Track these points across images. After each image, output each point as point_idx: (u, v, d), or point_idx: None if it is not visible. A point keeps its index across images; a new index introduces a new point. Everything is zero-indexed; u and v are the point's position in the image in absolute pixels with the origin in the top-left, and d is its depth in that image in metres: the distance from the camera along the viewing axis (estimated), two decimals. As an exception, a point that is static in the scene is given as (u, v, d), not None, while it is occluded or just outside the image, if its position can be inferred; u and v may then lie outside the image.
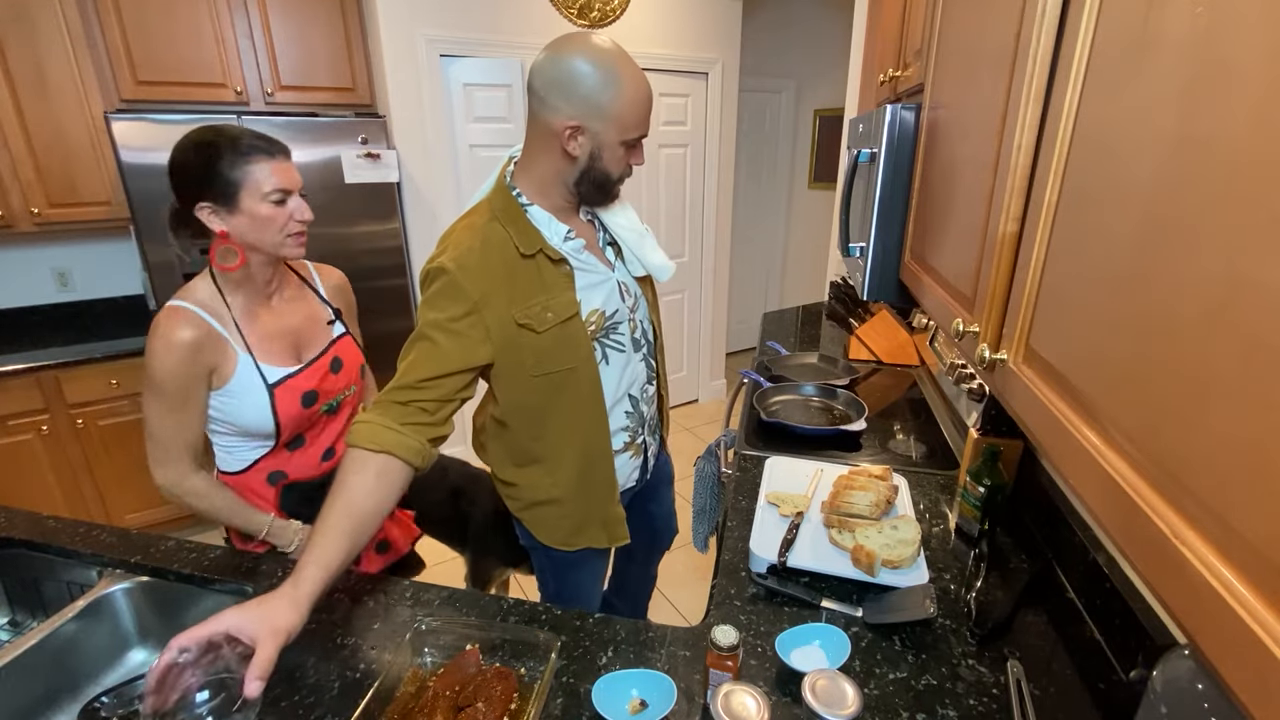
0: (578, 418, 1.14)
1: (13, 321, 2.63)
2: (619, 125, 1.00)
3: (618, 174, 1.07)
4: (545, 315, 1.05)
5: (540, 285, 1.05)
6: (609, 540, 1.25)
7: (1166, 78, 0.46)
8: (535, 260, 1.05)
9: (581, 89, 0.97)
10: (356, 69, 2.68)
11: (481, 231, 1.04)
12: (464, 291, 1.00)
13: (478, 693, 0.85)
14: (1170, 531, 0.42)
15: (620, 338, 1.16)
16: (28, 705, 1.04)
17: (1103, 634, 0.96)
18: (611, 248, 1.19)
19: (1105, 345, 0.53)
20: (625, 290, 1.18)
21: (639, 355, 1.21)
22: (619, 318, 1.15)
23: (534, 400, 1.12)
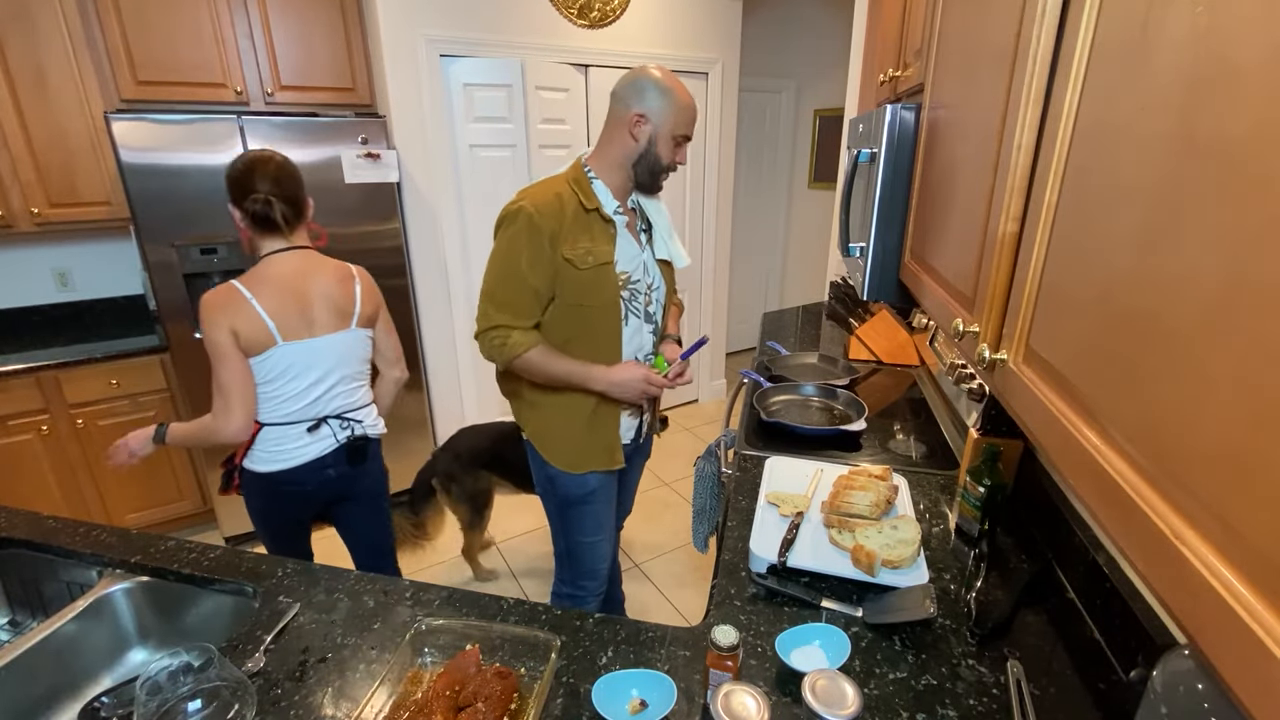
0: (598, 352, 1.40)
1: (13, 321, 2.63)
2: (673, 122, 1.33)
3: (666, 162, 1.36)
4: (588, 257, 1.33)
5: (590, 234, 1.34)
6: (609, 462, 1.50)
7: (1167, 78, 0.46)
8: (591, 215, 1.35)
9: (649, 93, 1.31)
10: (356, 69, 2.68)
11: (555, 188, 1.35)
12: (538, 230, 1.29)
13: (478, 693, 0.85)
14: (1170, 531, 0.42)
15: (637, 306, 1.43)
16: (28, 705, 1.04)
17: (1103, 634, 0.96)
18: (645, 234, 1.46)
19: (1105, 345, 0.53)
20: (647, 268, 1.44)
21: (649, 327, 1.47)
22: (639, 288, 1.42)
23: (565, 329, 1.38)
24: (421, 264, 2.92)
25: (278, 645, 1.00)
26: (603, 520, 1.57)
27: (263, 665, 0.96)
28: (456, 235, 2.98)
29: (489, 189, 2.99)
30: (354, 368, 1.54)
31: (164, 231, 2.26)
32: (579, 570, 1.61)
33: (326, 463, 1.52)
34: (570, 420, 1.45)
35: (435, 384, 3.11)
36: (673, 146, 1.35)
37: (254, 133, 2.36)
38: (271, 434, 1.45)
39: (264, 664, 0.96)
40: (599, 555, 1.60)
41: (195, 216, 2.30)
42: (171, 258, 2.29)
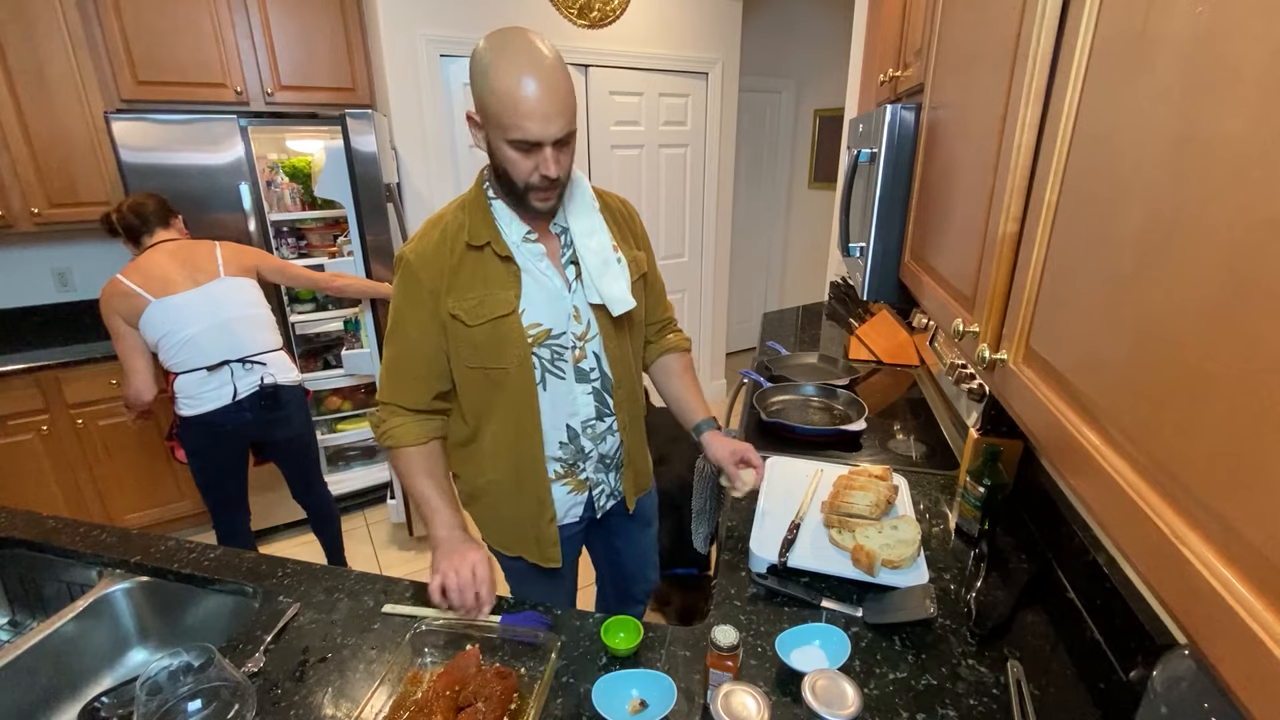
0: (509, 423, 1.11)
1: (13, 321, 2.63)
2: (496, 123, 0.93)
3: (520, 180, 0.97)
4: (480, 310, 1.03)
5: (481, 278, 1.04)
6: (540, 558, 1.20)
7: (1167, 77, 0.46)
8: (482, 253, 1.04)
9: (473, 81, 0.93)
10: (356, 69, 2.68)
11: (443, 220, 1.06)
12: (419, 281, 1.03)
13: (478, 693, 0.85)
14: (1170, 531, 0.42)
15: (563, 363, 1.10)
16: (28, 705, 1.04)
17: (1103, 634, 0.96)
18: (574, 266, 1.10)
19: (1105, 345, 0.53)
20: (578, 314, 1.10)
21: (585, 387, 1.13)
22: (564, 342, 1.09)
23: (470, 391, 1.11)
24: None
25: (278, 645, 1.00)
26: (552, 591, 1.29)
27: (263, 665, 0.96)
28: (456, 235, 2.98)
29: (489, 189, 2.99)
30: (241, 310, 1.88)
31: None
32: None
33: (243, 406, 1.86)
34: (492, 502, 1.19)
35: (435, 384, 3.11)
36: (517, 156, 0.95)
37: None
38: (183, 381, 1.82)
39: (264, 664, 0.96)
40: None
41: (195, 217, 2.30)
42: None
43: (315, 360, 2.82)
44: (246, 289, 1.92)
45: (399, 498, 2.57)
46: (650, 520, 1.46)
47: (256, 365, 1.89)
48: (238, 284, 1.90)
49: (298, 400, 2.03)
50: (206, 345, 1.83)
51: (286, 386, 1.95)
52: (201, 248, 1.90)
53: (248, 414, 1.89)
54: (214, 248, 1.91)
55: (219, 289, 1.86)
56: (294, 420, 2.04)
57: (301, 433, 2.11)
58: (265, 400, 1.90)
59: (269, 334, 1.96)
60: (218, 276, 1.86)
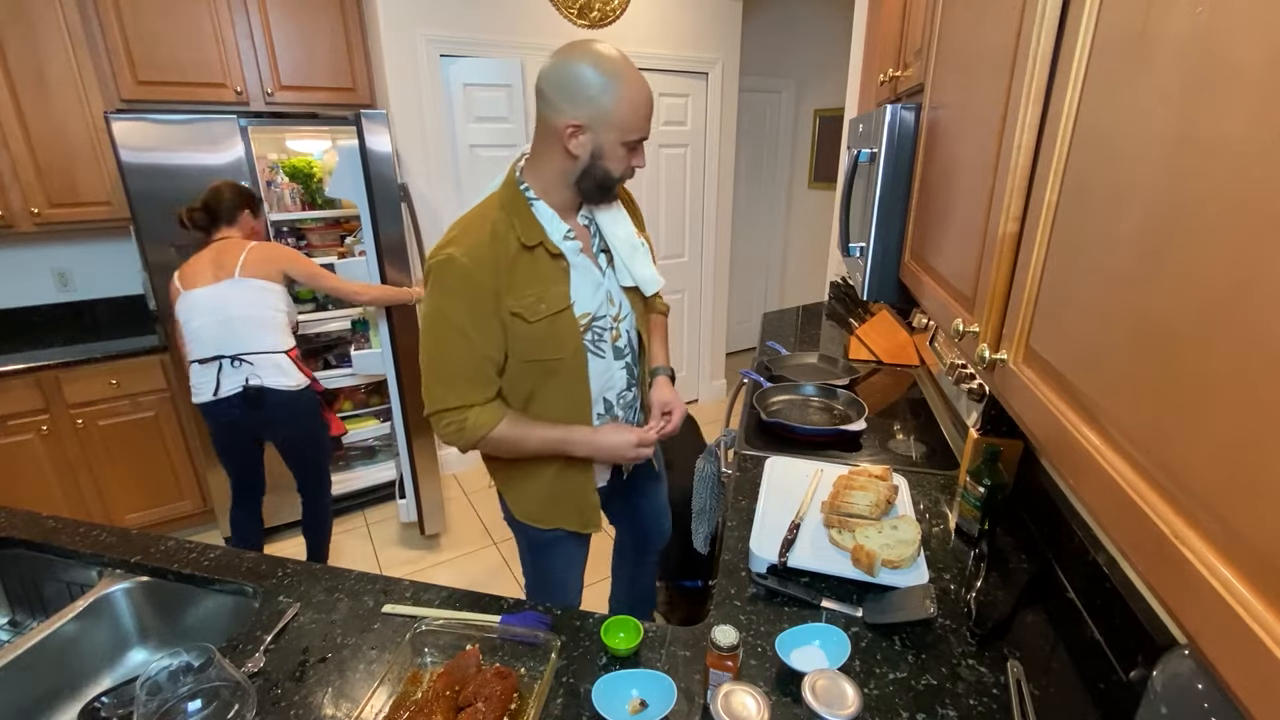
0: (560, 404, 1.19)
1: (13, 321, 2.63)
2: (620, 127, 1.04)
3: (619, 173, 1.10)
4: (539, 306, 1.09)
5: (536, 276, 1.10)
6: (581, 524, 1.30)
7: (1167, 77, 0.46)
8: (535, 252, 1.10)
9: (585, 92, 1.01)
10: (356, 69, 2.68)
11: (488, 221, 1.09)
12: (476, 283, 1.06)
13: (478, 693, 0.85)
14: (1170, 531, 0.42)
15: (602, 343, 1.20)
16: (28, 705, 1.04)
17: (1103, 634, 0.96)
18: (604, 255, 1.20)
19: (1105, 345, 0.53)
20: (611, 298, 1.20)
21: (620, 363, 1.24)
22: (604, 324, 1.19)
23: (524, 386, 1.17)
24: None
25: (278, 645, 1.00)
26: (574, 558, 1.38)
27: (263, 665, 0.96)
28: (456, 235, 2.98)
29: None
30: (244, 310, 1.91)
31: (164, 231, 2.26)
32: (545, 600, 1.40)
33: (232, 404, 1.92)
34: (536, 481, 1.26)
35: (435, 384, 3.11)
36: (625, 154, 1.07)
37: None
38: (191, 371, 1.95)
39: (264, 664, 0.96)
40: (569, 590, 1.42)
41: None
42: (171, 258, 2.28)
43: (316, 360, 2.82)
44: (257, 290, 1.94)
45: (410, 497, 2.56)
46: (660, 475, 1.57)
47: (245, 364, 1.91)
48: (249, 284, 1.93)
49: (289, 405, 1.99)
50: (205, 339, 1.90)
51: (273, 390, 1.94)
52: (233, 247, 1.95)
53: (235, 410, 1.93)
54: (243, 248, 1.95)
55: (229, 288, 1.91)
56: (280, 424, 2.05)
57: (291, 437, 2.12)
58: (249, 400, 1.92)
59: (271, 336, 1.96)
60: (233, 276, 1.91)
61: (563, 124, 1.03)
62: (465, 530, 2.80)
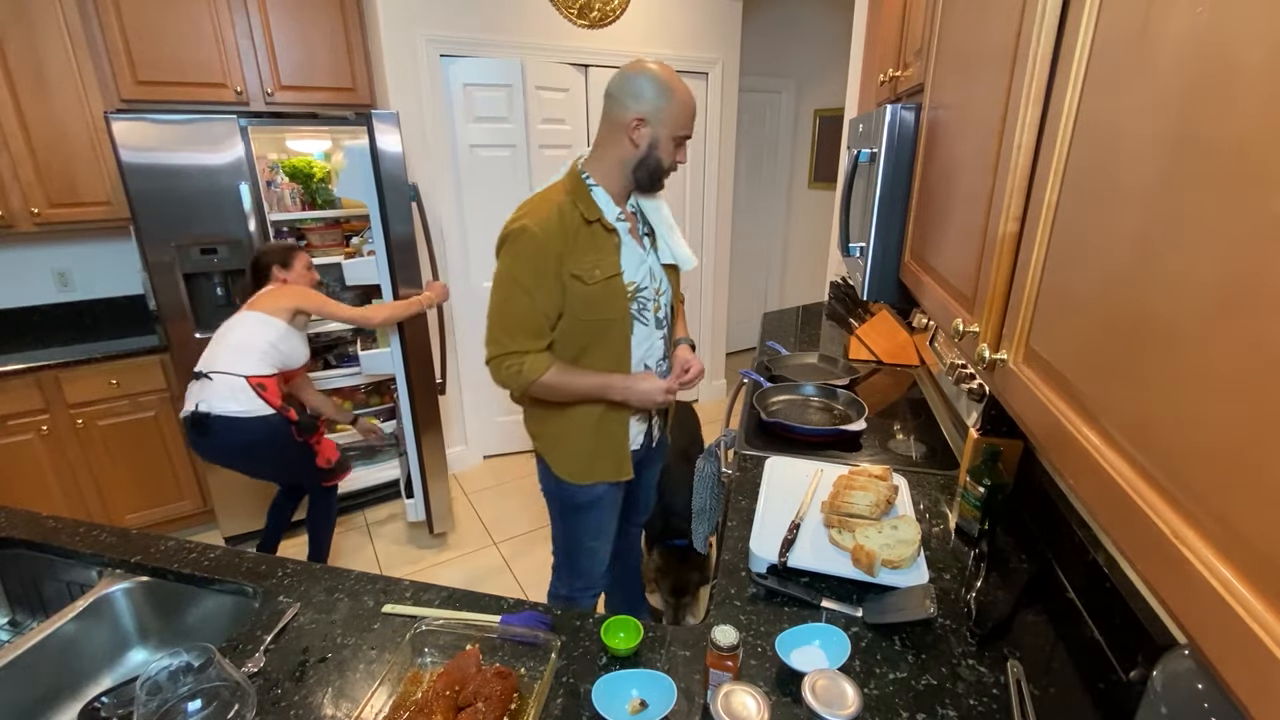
0: (608, 361, 1.38)
1: (13, 321, 2.63)
2: (673, 124, 1.28)
3: (668, 163, 1.32)
4: (594, 271, 1.30)
5: (594, 247, 1.31)
6: (617, 473, 1.48)
7: (1167, 77, 0.46)
8: (593, 227, 1.31)
9: (647, 95, 1.25)
10: (356, 69, 2.68)
11: (555, 200, 1.30)
12: (543, 248, 1.25)
13: (478, 693, 0.85)
14: (1170, 531, 0.42)
15: (646, 315, 1.40)
16: (28, 705, 1.04)
17: (1103, 634, 0.96)
18: (648, 237, 1.43)
19: (1105, 345, 0.53)
20: (653, 273, 1.40)
21: (660, 332, 1.45)
22: (647, 295, 1.39)
23: (575, 344, 1.36)
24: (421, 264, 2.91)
25: (278, 645, 1.00)
26: (604, 526, 1.56)
27: (263, 665, 0.96)
28: (456, 235, 2.98)
29: (489, 189, 2.99)
30: (236, 336, 1.99)
31: (164, 231, 2.26)
32: (575, 573, 1.62)
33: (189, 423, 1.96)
34: (578, 431, 1.43)
35: (435, 384, 3.11)
36: (674, 148, 1.31)
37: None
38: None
39: (264, 664, 0.96)
40: (596, 560, 1.60)
41: (195, 216, 2.30)
42: (171, 258, 2.29)
43: (316, 360, 2.82)
44: (256, 321, 2.02)
45: (418, 495, 2.56)
46: (662, 452, 1.74)
47: (204, 381, 1.95)
48: (251, 316, 2.02)
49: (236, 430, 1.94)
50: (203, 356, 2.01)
51: (218, 416, 1.91)
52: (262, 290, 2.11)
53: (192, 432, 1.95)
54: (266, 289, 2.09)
55: (238, 317, 2.03)
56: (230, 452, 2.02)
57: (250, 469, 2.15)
58: (195, 426, 1.92)
59: (244, 361, 1.96)
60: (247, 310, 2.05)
61: (630, 118, 1.26)
62: (466, 530, 2.80)
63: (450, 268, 3.00)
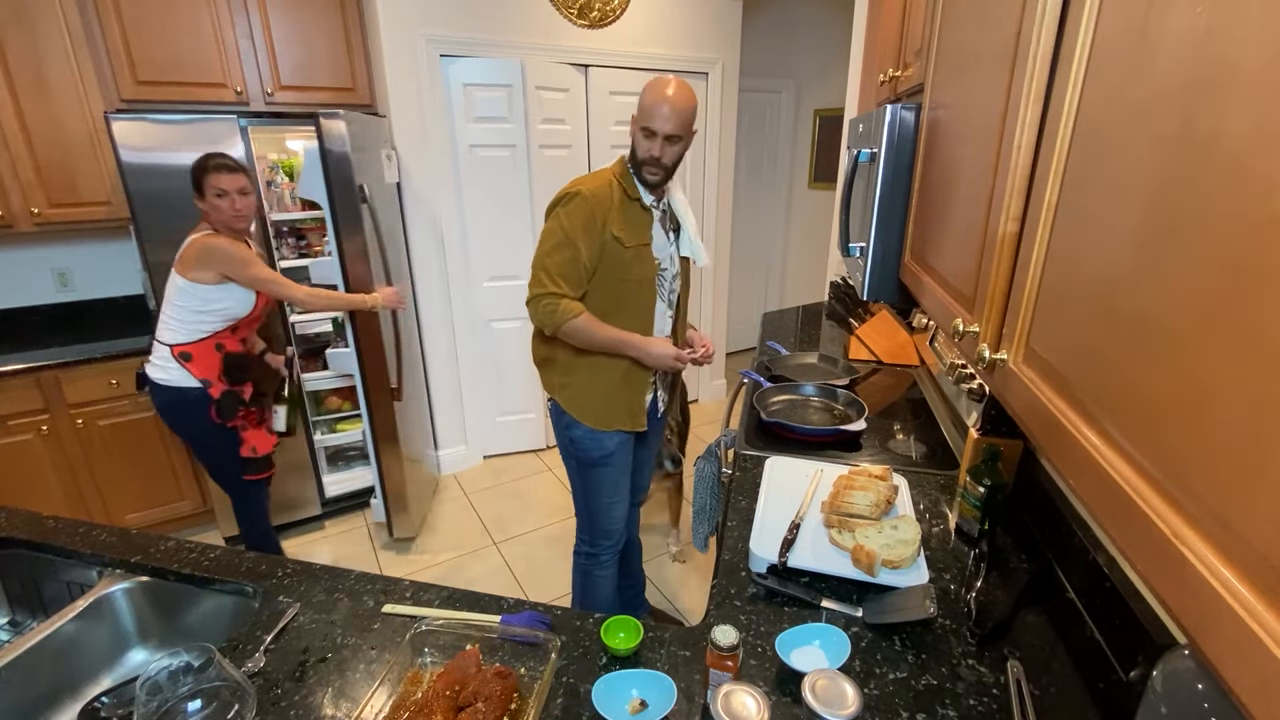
0: (632, 325, 1.56)
1: (13, 321, 2.63)
2: (640, 117, 1.48)
3: (641, 154, 1.49)
4: (631, 237, 1.52)
5: (633, 218, 1.53)
6: (632, 423, 1.65)
7: (1167, 77, 0.46)
8: (634, 203, 1.53)
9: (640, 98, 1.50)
10: (356, 69, 2.68)
11: (605, 179, 1.53)
12: (593, 210, 1.47)
13: (478, 693, 0.85)
14: (1170, 531, 0.42)
15: (664, 291, 1.61)
16: (28, 705, 1.04)
17: (1103, 634, 0.96)
18: (674, 233, 1.62)
19: (1105, 345, 0.53)
20: (674, 260, 1.62)
21: (670, 312, 1.66)
22: (666, 275, 1.60)
23: (605, 302, 1.54)
24: (421, 264, 2.92)
25: (278, 645, 1.00)
26: (619, 483, 1.72)
27: (263, 665, 0.96)
28: (456, 235, 2.98)
29: (489, 189, 2.99)
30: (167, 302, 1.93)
31: (164, 231, 2.25)
32: (596, 530, 1.77)
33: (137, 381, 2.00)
34: (603, 380, 1.61)
35: (435, 382, 3.11)
36: (645, 140, 1.47)
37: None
38: None
39: (264, 664, 0.96)
40: (615, 516, 1.75)
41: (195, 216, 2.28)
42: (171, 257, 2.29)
43: (315, 360, 2.82)
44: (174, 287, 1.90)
45: (380, 498, 2.55)
46: (660, 434, 1.92)
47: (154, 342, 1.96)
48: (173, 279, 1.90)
49: (162, 398, 1.95)
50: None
51: (152, 381, 1.93)
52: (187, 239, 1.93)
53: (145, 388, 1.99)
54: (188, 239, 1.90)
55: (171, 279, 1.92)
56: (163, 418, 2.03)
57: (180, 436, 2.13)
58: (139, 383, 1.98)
59: (166, 328, 1.92)
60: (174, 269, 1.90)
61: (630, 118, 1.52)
62: (466, 530, 2.80)
63: (450, 268, 3.00)
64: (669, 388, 1.81)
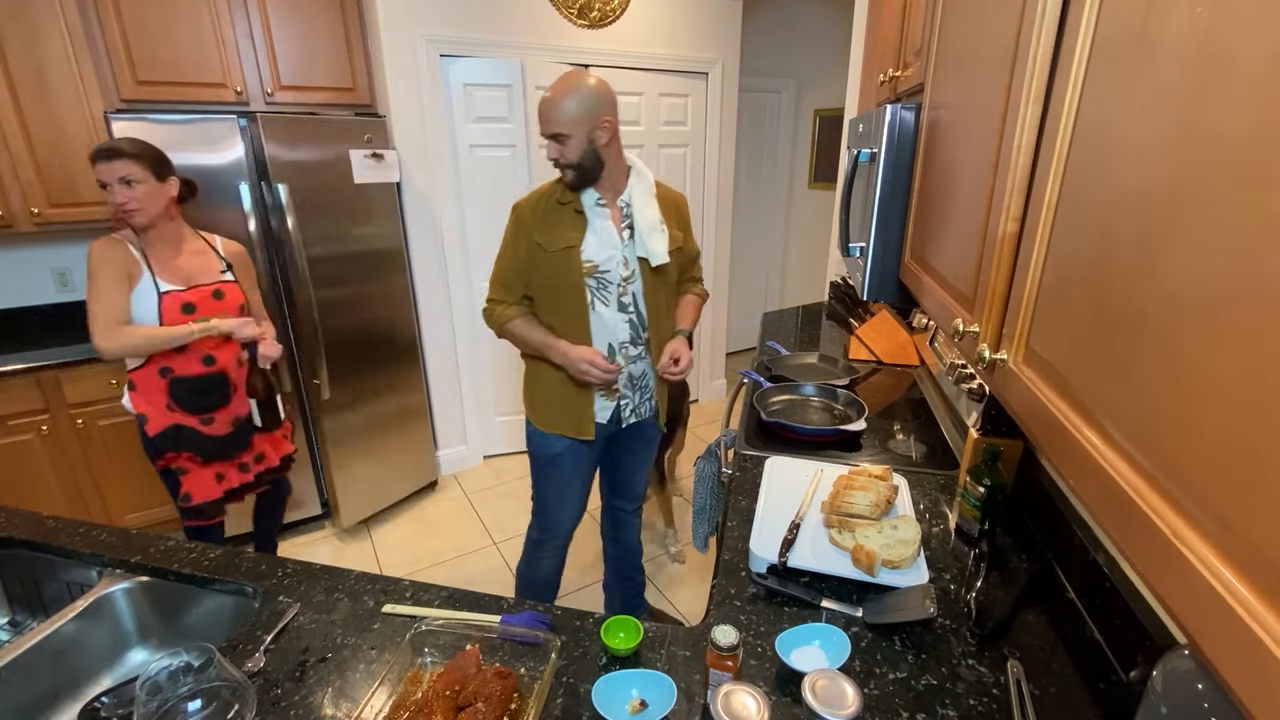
0: (570, 330, 1.57)
1: (13, 321, 2.63)
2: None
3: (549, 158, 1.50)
4: (554, 242, 1.51)
5: (561, 223, 1.52)
6: (576, 430, 1.65)
7: (1167, 77, 0.46)
8: (565, 207, 1.53)
9: None
10: (356, 69, 2.68)
11: (545, 187, 1.58)
12: (521, 219, 1.56)
13: (478, 693, 0.85)
14: (1170, 531, 0.42)
15: (607, 295, 1.55)
16: (28, 705, 1.04)
17: (1103, 634, 0.96)
18: (630, 230, 1.55)
19: (1105, 345, 0.53)
20: (627, 262, 1.55)
21: (624, 316, 1.59)
22: (609, 278, 1.54)
23: (543, 305, 1.59)
24: (421, 264, 2.92)
25: (278, 645, 1.00)
26: (568, 485, 1.74)
27: (263, 665, 0.96)
28: (456, 235, 2.98)
29: (489, 189, 2.99)
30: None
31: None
32: (544, 521, 1.80)
33: None
34: (546, 384, 1.64)
35: (435, 380, 3.11)
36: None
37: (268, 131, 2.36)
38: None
39: (264, 664, 0.96)
40: (561, 518, 1.78)
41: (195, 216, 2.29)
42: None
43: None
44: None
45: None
46: (652, 443, 1.87)
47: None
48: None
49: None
50: None
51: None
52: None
53: None
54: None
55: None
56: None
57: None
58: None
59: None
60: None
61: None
62: (466, 530, 2.80)
63: (450, 268, 3.00)
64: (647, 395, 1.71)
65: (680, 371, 1.59)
